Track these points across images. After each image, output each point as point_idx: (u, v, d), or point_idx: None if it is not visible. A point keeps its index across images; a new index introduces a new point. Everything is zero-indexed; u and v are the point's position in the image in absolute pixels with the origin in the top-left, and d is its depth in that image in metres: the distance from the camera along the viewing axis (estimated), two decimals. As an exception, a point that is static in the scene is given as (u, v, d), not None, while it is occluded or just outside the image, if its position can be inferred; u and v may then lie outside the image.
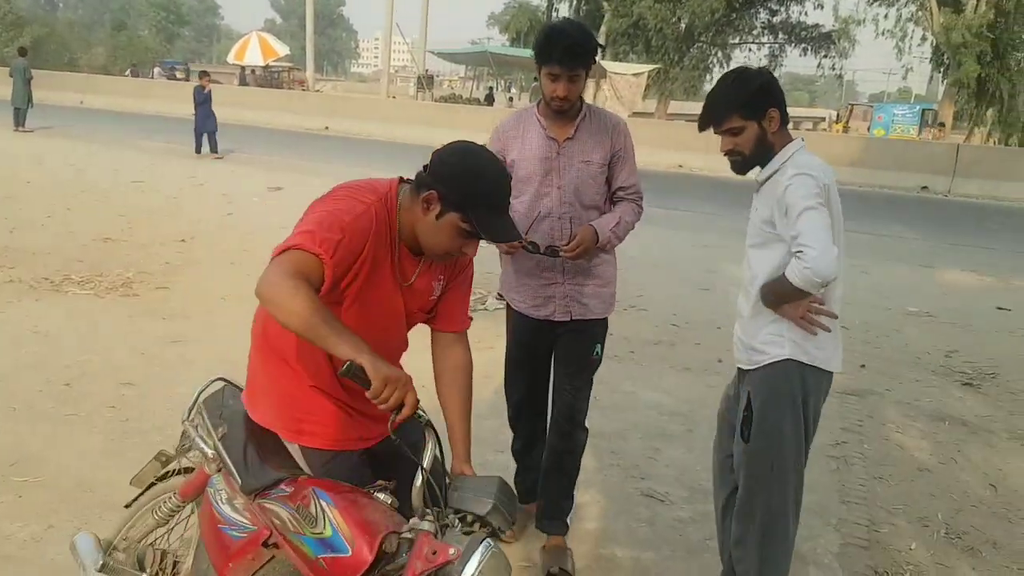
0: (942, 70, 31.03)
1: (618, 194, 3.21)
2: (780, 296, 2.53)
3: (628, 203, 3.21)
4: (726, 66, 40.14)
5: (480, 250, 2.22)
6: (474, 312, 2.57)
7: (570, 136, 3.09)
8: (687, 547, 3.45)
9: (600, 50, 3.09)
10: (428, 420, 1.88)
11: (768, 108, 2.54)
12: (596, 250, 3.11)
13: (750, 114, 2.52)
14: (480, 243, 2.17)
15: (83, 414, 4.25)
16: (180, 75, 43.93)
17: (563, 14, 40.09)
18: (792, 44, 37.51)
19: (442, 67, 61.60)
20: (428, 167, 2.10)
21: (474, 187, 2.04)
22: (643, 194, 3.26)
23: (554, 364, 3.34)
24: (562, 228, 3.12)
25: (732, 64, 40.07)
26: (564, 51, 2.89)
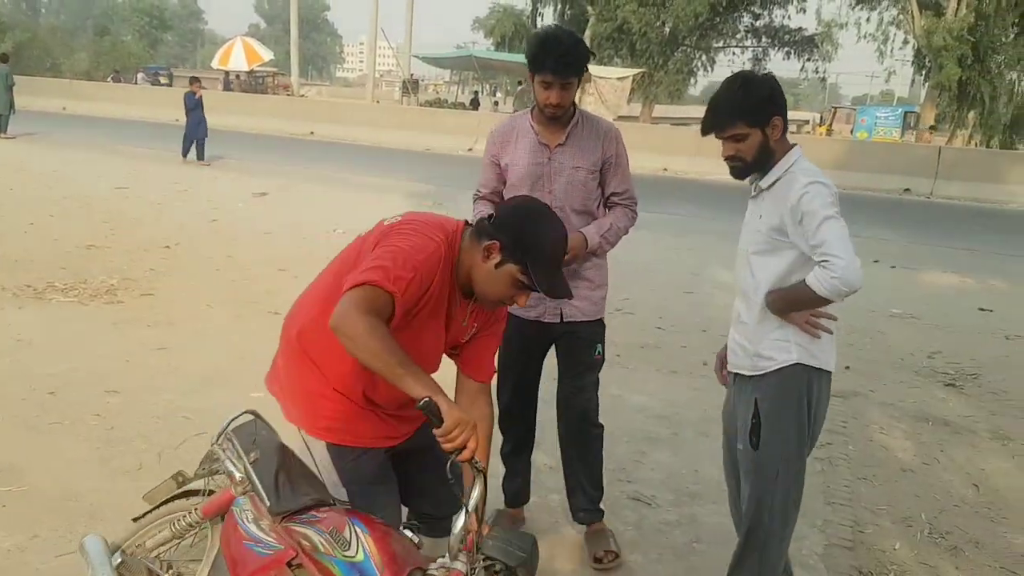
0: (924, 73, 31.28)
1: (611, 200, 3.27)
2: (796, 304, 2.55)
3: (622, 209, 3.27)
4: (710, 70, 40.47)
5: None
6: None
7: (561, 142, 3.14)
8: (674, 550, 3.47)
9: (592, 57, 3.13)
10: (483, 468, 1.97)
11: (773, 116, 2.54)
12: (587, 255, 3.15)
13: (755, 121, 2.52)
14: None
15: (68, 423, 4.23)
16: (164, 80, 43.81)
17: (547, 18, 40.24)
18: (775, 48, 37.78)
19: (427, 71, 61.60)
20: (493, 217, 2.23)
21: (536, 243, 2.18)
22: (637, 200, 3.31)
23: (558, 370, 3.38)
24: None
25: (716, 68, 40.37)
26: (557, 59, 2.94)
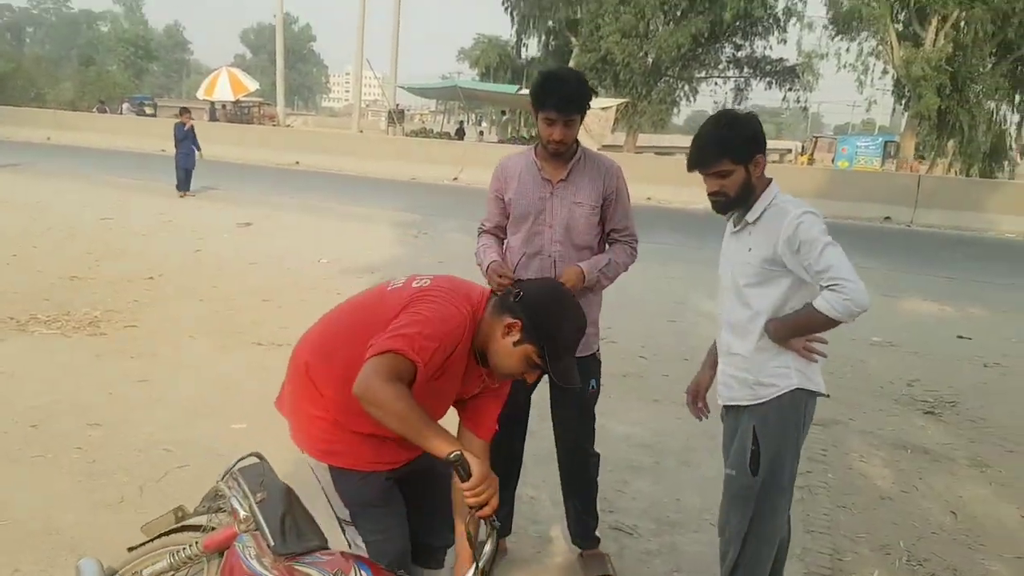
0: (903, 102, 31.71)
1: (611, 236, 3.35)
2: (805, 329, 2.64)
3: (622, 245, 3.35)
4: (693, 100, 40.90)
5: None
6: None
7: (563, 178, 3.22)
8: (654, 579, 3.49)
9: (594, 95, 3.22)
10: (498, 525, 2.05)
11: (756, 154, 2.64)
12: (583, 290, 3.21)
13: (740, 159, 2.61)
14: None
15: (50, 455, 4.22)
16: (149, 110, 43.87)
17: (532, 49, 40.68)
18: (757, 78, 38.18)
19: (413, 101, 61.90)
20: (517, 295, 2.29)
21: (556, 330, 2.25)
22: (637, 237, 3.39)
23: (551, 401, 3.42)
24: (552, 266, 3.24)
25: (699, 97, 40.80)
26: (560, 97, 3.04)
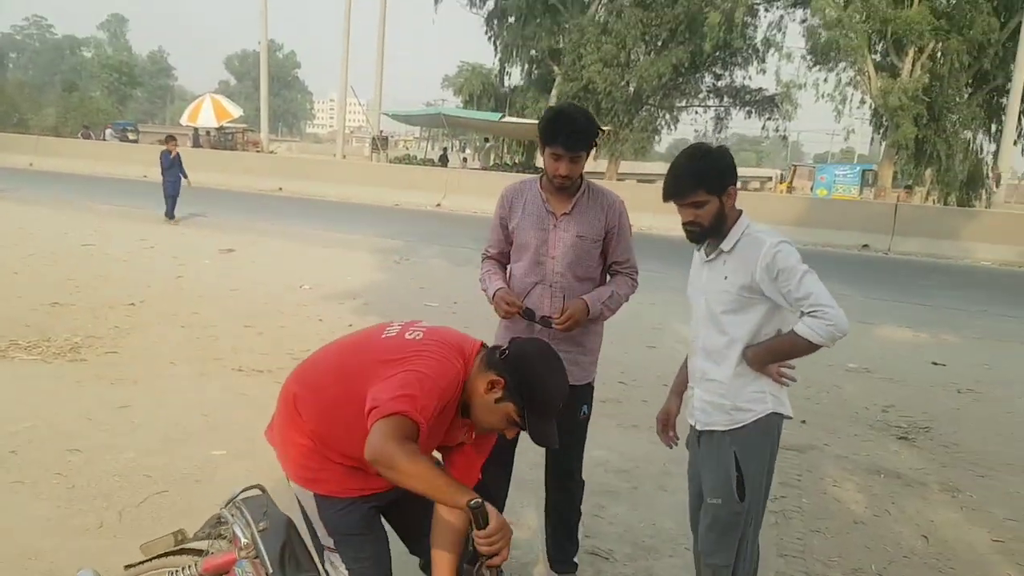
0: (881, 132, 32.19)
1: (613, 268, 3.45)
2: (786, 355, 2.75)
3: (623, 277, 3.45)
4: (674, 128, 41.34)
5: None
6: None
7: (567, 211, 3.30)
8: (629, 603, 3.54)
9: (601, 133, 3.31)
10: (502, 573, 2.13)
11: (729, 186, 2.73)
12: (587, 322, 3.29)
13: (714, 190, 2.69)
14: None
15: (29, 481, 4.22)
16: (132, 136, 43.82)
17: (515, 77, 41.00)
18: (737, 107, 38.65)
19: (397, 128, 62.11)
20: (504, 353, 2.34)
21: (538, 392, 2.30)
22: (638, 269, 3.49)
23: None
24: (552, 296, 3.31)
25: (680, 126, 41.23)
26: (568, 134, 3.12)
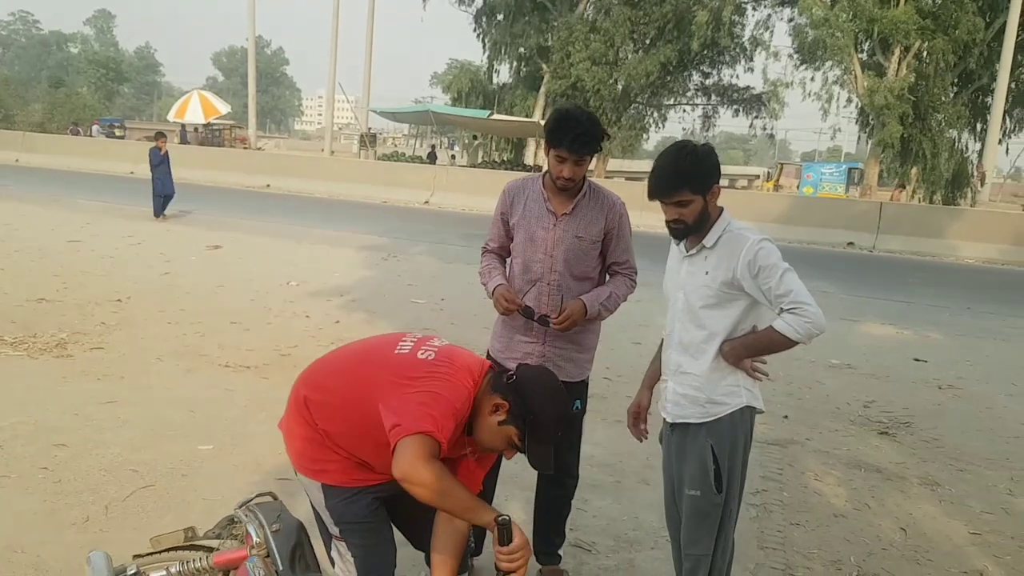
0: (867, 130, 32.39)
1: (612, 268, 3.49)
2: (764, 350, 2.80)
3: (622, 277, 3.49)
4: (662, 126, 41.52)
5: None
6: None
7: (568, 212, 3.34)
8: (611, 594, 3.59)
9: (606, 137, 3.35)
10: None
11: (713, 185, 2.77)
12: (585, 321, 3.34)
13: (699, 190, 2.73)
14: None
15: (15, 476, 4.23)
16: (119, 133, 43.63)
17: (503, 75, 41.05)
18: (724, 105, 38.83)
19: (385, 125, 62.11)
20: (511, 377, 2.44)
21: (540, 419, 2.39)
22: (637, 270, 3.52)
23: None
24: (550, 294, 3.36)
25: (668, 124, 41.37)
26: (574, 139, 3.16)
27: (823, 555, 4.08)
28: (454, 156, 44.47)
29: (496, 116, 33.20)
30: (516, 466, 3.62)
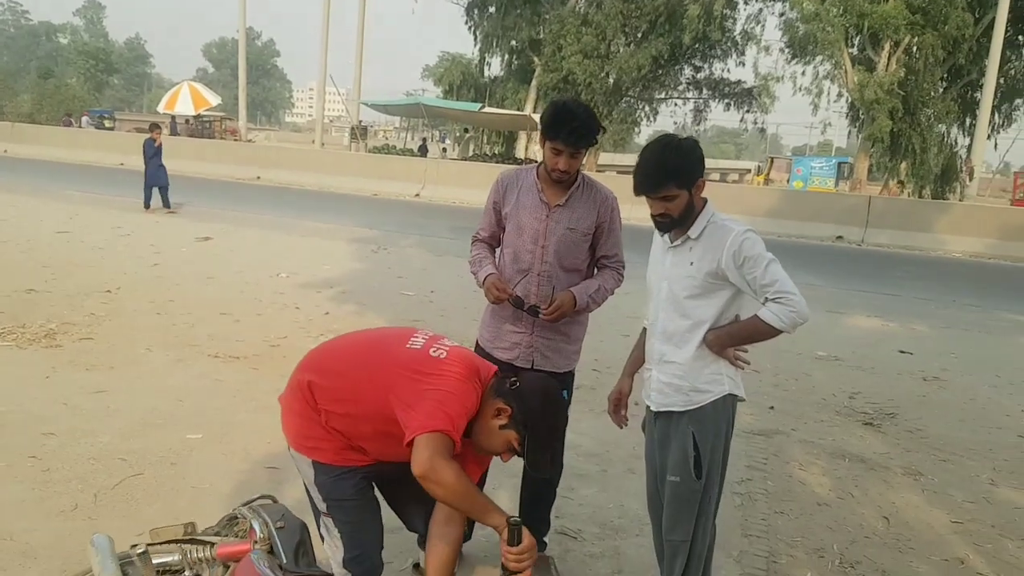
0: (857, 125, 32.50)
1: (601, 261, 3.51)
2: (747, 339, 2.85)
3: (610, 271, 3.50)
4: (653, 120, 41.56)
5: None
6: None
7: (561, 203, 3.37)
8: (596, 580, 3.63)
9: (602, 131, 3.38)
10: None
11: (698, 179, 2.80)
12: (573, 313, 3.37)
13: (684, 184, 2.76)
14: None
15: (3, 464, 4.24)
16: (108, 124, 43.40)
17: (495, 68, 41.02)
18: (716, 99, 38.88)
19: (377, 117, 61.94)
20: (514, 383, 2.50)
21: (541, 427, 2.47)
22: (625, 264, 3.54)
23: None
24: (539, 285, 3.38)
25: (659, 117, 41.42)
26: (571, 132, 3.18)
27: (806, 543, 4.13)
28: (445, 149, 44.42)
29: (487, 109, 33.21)
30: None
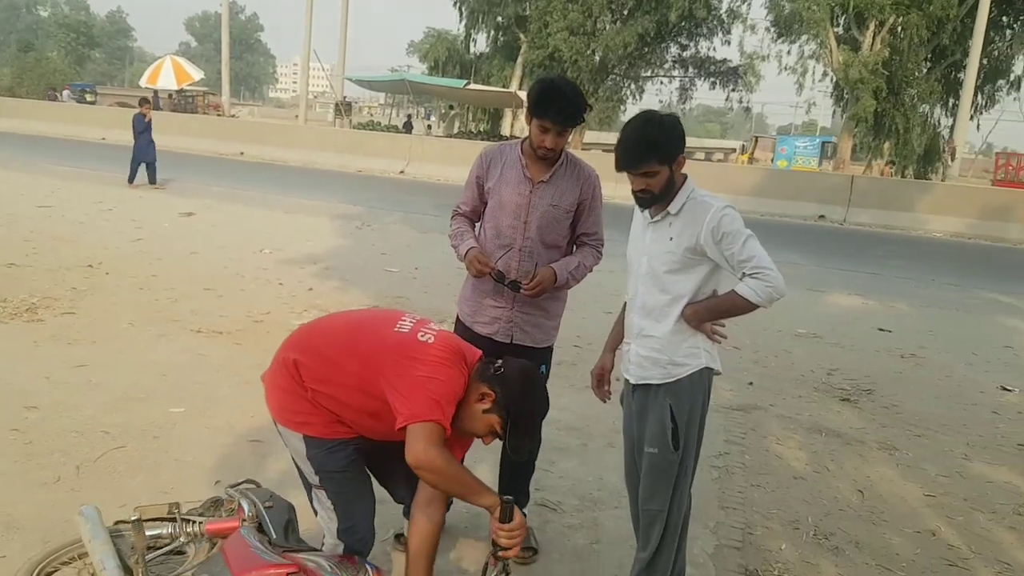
0: (842, 104, 32.56)
1: (581, 239, 3.52)
2: (725, 313, 2.89)
3: (590, 249, 3.53)
4: (639, 98, 41.41)
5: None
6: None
7: (545, 179, 3.38)
8: (574, 551, 3.69)
9: (589, 109, 3.39)
10: (511, 571, 2.35)
11: (679, 155, 2.83)
12: (554, 289, 3.39)
13: (665, 160, 2.79)
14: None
15: (-16, 437, 4.26)
16: (90, 98, 42.96)
17: (481, 44, 40.78)
18: (701, 78, 38.81)
19: (361, 93, 61.63)
20: (499, 369, 2.55)
21: (524, 411, 2.55)
22: (604, 241, 3.57)
23: None
24: (520, 260, 3.40)
25: (645, 96, 41.35)
26: (559, 110, 3.20)
27: (782, 515, 4.20)
28: (430, 126, 44.20)
29: (473, 86, 33.08)
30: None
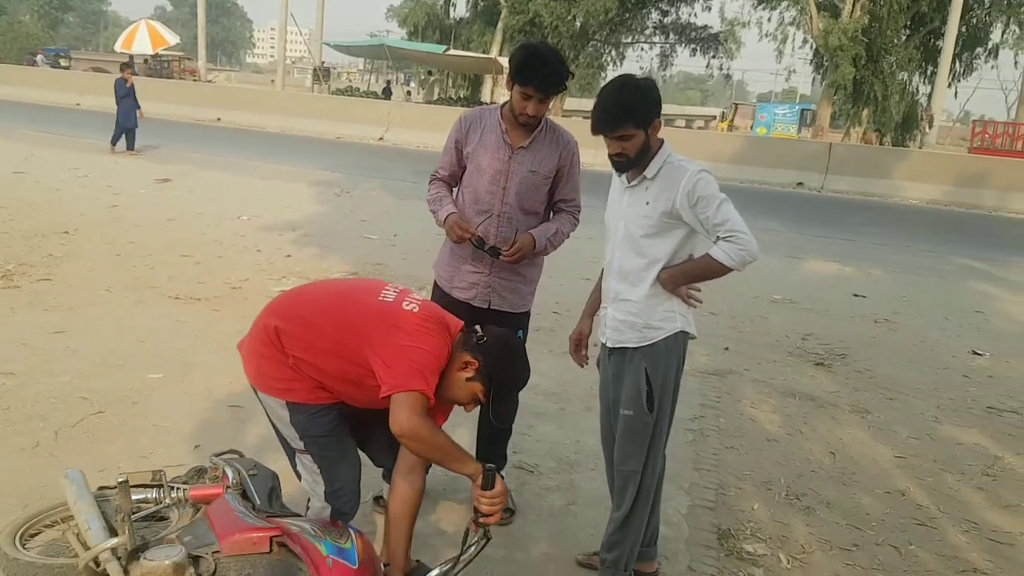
0: (821, 72, 32.58)
1: (558, 205, 3.54)
2: (699, 276, 2.92)
3: (566, 215, 3.55)
4: (619, 65, 41.19)
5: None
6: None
7: (524, 145, 3.38)
8: (551, 512, 3.75)
9: (571, 77, 3.39)
10: (491, 537, 2.36)
11: (655, 119, 2.84)
12: (532, 255, 3.42)
13: (641, 123, 2.80)
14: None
15: (-39, 403, 4.25)
16: (64, 63, 42.25)
17: (460, 9, 40.40)
18: (682, 44, 38.66)
19: (340, 59, 60.90)
20: (481, 338, 2.56)
21: (506, 379, 2.59)
22: (580, 208, 3.59)
23: None
24: (499, 226, 3.41)
25: (625, 62, 41.16)
26: (543, 78, 3.20)
27: (755, 476, 4.29)
28: (409, 92, 43.90)
29: (453, 52, 32.75)
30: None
